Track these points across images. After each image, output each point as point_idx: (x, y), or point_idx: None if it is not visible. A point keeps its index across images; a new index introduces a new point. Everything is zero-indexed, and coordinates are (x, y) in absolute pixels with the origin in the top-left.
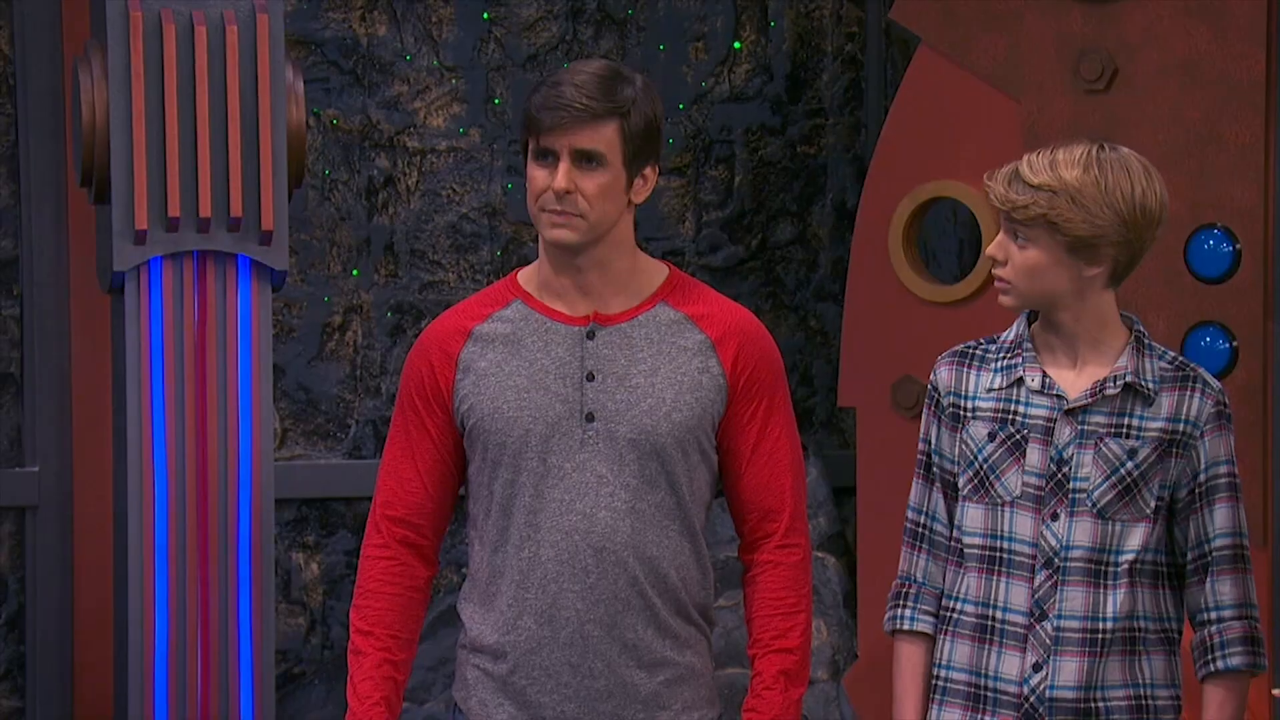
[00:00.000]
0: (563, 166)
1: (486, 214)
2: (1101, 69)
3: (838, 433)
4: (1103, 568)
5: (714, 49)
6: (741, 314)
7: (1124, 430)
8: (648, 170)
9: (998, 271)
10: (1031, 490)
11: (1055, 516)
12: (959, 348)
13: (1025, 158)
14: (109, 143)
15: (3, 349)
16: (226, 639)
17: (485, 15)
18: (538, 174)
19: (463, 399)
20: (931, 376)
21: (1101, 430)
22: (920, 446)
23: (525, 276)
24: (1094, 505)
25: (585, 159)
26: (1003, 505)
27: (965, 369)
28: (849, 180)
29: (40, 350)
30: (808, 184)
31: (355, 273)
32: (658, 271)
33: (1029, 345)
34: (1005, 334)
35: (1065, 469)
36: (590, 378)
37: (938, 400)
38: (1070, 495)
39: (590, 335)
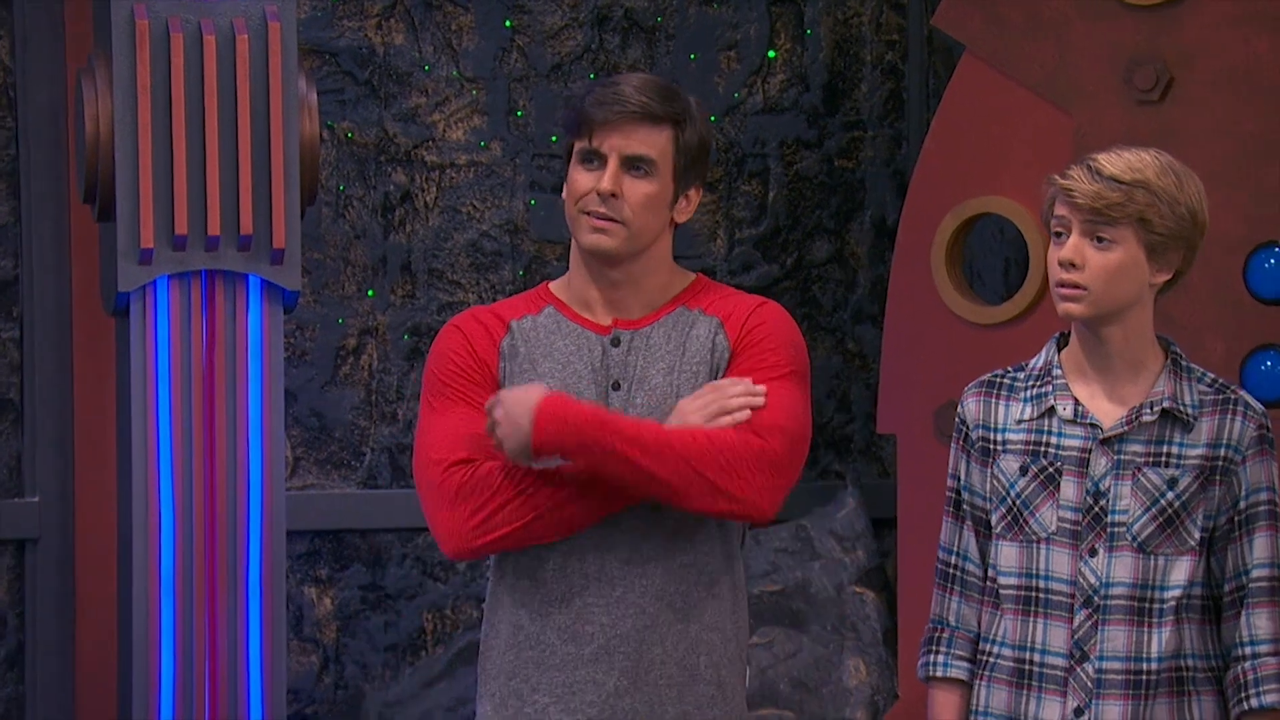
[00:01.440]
0: (610, 168)
1: (508, 231)
2: (1156, 78)
3: (876, 461)
4: (1146, 605)
5: (747, 58)
6: (758, 298)
7: (1163, 459)
8: (692, 191)
9: (1070, 276)
10: (1068, 525)
11: (1094, 552)
12: (986, 377)
13: (1095, 157)
14: (113, 157)
15: (2, 374)
16: (236, 678)
17: (507, 23)
18: (582, 177)
19: (498, 384)
20: (959, 409)
21: (1139, 459)
22: (949, 483)
23: (557, 287)
24: (1134, 539)
25: (635, 164)
26: (1038, 542)
27: (994, 399)
28: (889, 196)
29: (41, 375)
30: (845, 200)
31: (370, 293)
32: (684, 280)
33: (1059, 372)
34: (1033, 360)
35: (1102, 502)
36: (616, 386)
37: (966, 434)
38: (1109, 529)
39: (615, 342)
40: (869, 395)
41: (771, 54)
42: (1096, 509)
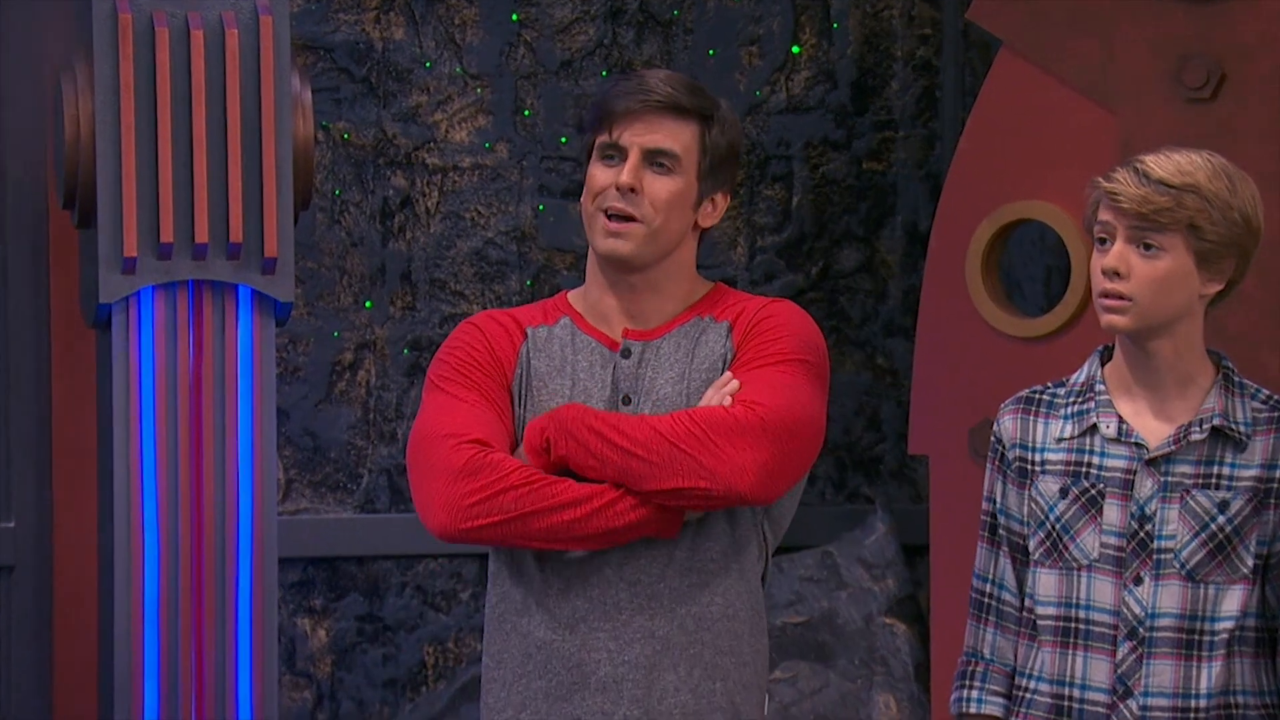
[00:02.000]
0: (631, 161)
1: (515, 239)
2: (1207, 75)
3: (908, 484)
4: (1195, 637)
5: (770, 53)
6: (772, 298)
7: (1213, 480)
8: (719, 195)
9: (1115, 286)
10: (1111, 552)
11: (1139, 581)
12: (1024, 393)
13: (1142, 159)
14: (94, 160)
15: None
16: (224, 715)
17: (514, 16)
18: (600, 172)
19: (512, 395)
20: (994, 427)
21: (1188, 481)
22: (984, 506)
23: (574, 297)
24: (1182, 566)
25: (657, 159)
26: (1079, 570)
27: (1031, 417)
28: (921, 200)
29: (17, 392)
30: (875, 205)
31: (368, 305)
32: (703, 288)
33: (1102, 387)
34: (1075, 375)
35: (1148, 527)
36: (626, 401)
37: (1002, 453)
38: (1155, 556)
39: (625, 354)
40: (900, 414)
41: (796, 49)
42: (1142, 534)
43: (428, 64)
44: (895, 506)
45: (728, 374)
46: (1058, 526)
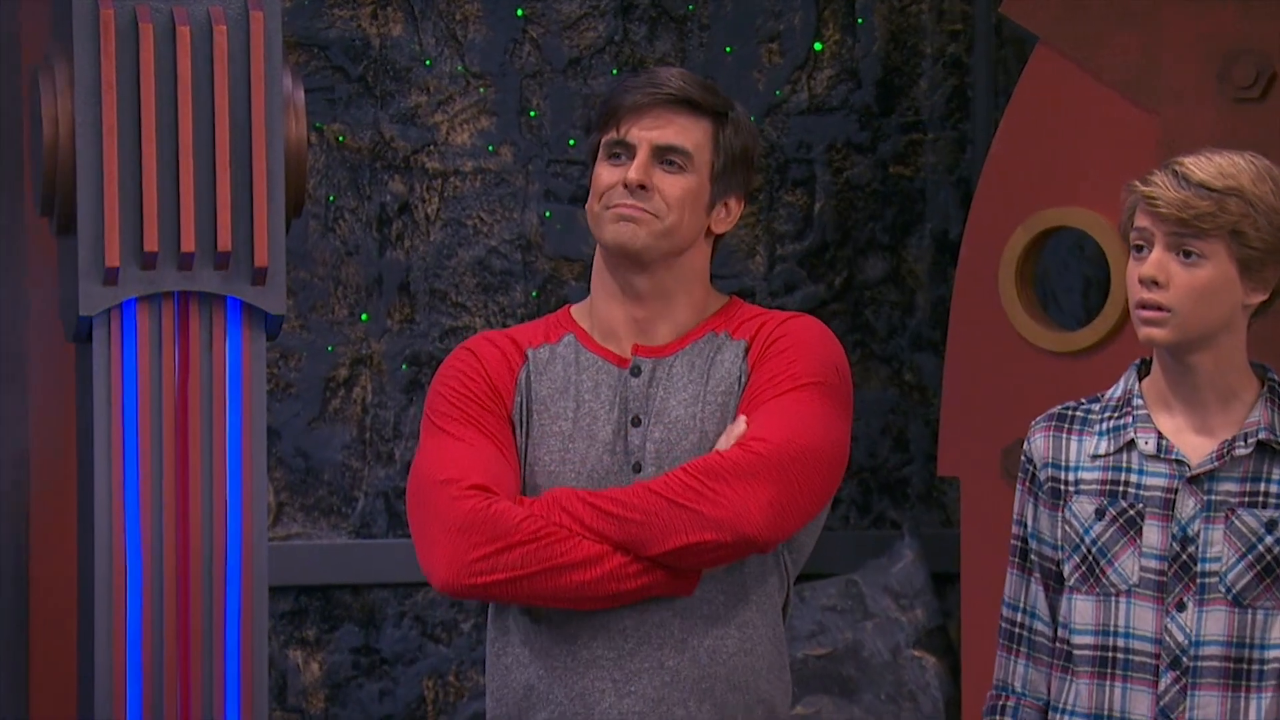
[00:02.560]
0: (640, 157)
1: (520, 248)
2: (1256, 74)
3: (938, 508)
4: (1243, 666)
5: (791, 51)
6: (791, 313)
7: (1260, 498)
8: (733, 200)
9: (1153, 296)
10: (1151, 576)
11: (1181, 607)
12: (1056, 410)
13: (1182, 160)
14: (74, 164)
15: None
16: None
17: (519, 12)
18: (607, 171)
19: (512, 423)
20: (1025, 445)
21: (1233, 500)
22: (1014, 530)
23: (579, 313)
24: (1228, 591)
25: (668, 157)
26: (1117, 596)
27: (1064, 434)
28: (951, 207)
29: None
30: (902, 211)
31: (364, 317)
32: (717, 301)
33: (1139, 402)
34: (1110, 391)
35: (1191, 548)
36: (635, 422)
37: (1033, 474)
38: (1199, 580)
39: (635, 372)
40: (929, 433)
41: (818, 46)
42: (1184, 557)
43: (427, 62)
44: (924, 532)
45: (740, 419)
46: (1094, 550)
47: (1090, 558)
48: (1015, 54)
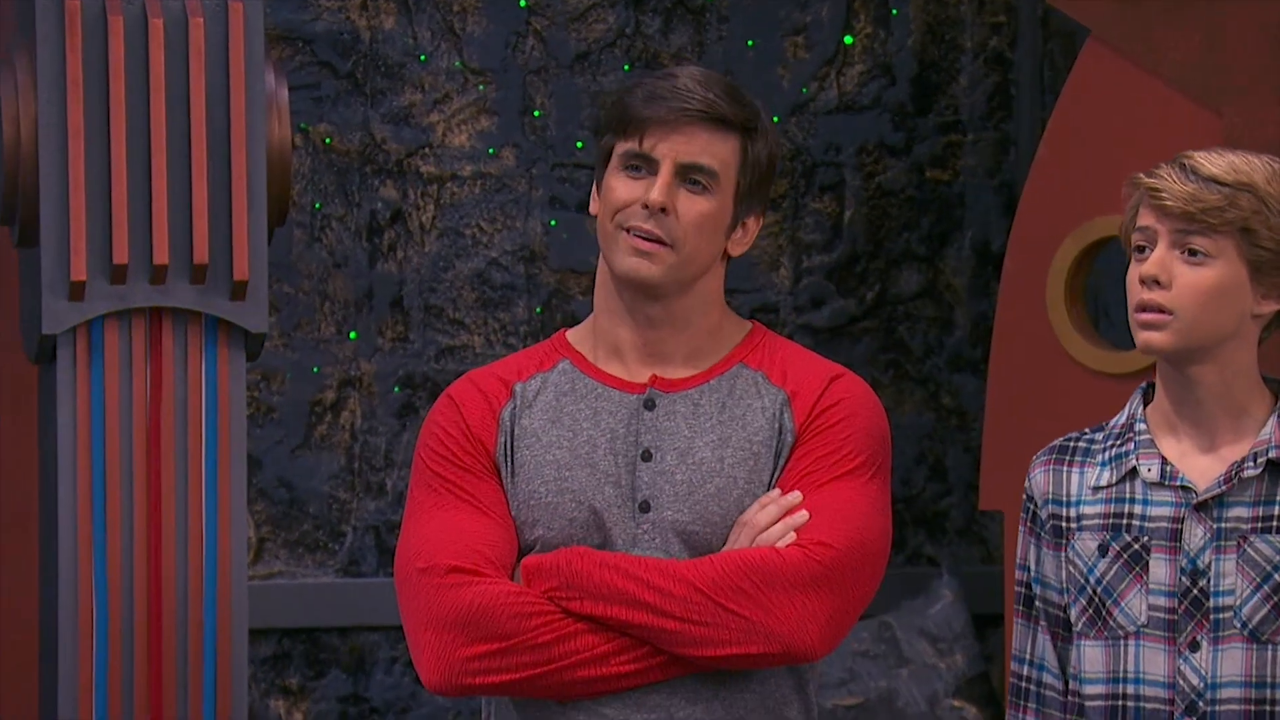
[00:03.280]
0: (663, 177)
1: (523, 259)
2: None
3: (979, 544)
4: (1266, 709)
5: (818, 44)
6: (834, 369)
7: (1274, 523)
8: (751, 219)
9: (1153, 296)
10: (1161, 615)
11: (1195, 646)
12: (1058, 442)
13: (1191, 154)
14: (37, 168)
15: None
16: None
17: (522, 2)
18: (623, 185)
19: (498, 467)
20: (1026, 483)
21: (1244, 526)
22: (1018, 575)
23: (576, 335)
24: (1244, 626)
25: (692, 176)
26: (1125, 639)
27: (1065, 468)
28: (994, 214)
29: None
30: (940, 219)
31: (353, 335)
32: (739, 329)
33: (1142, 426)
34: (1115, 418)
35: (1202, 582)
36: (646, 457)
37: (1034, 513)
38: (1212, 616)
39: (649, 405)
40: (969, 462)
41: (848, 39)
42: (1195, 592)
43: (422, 57)
44: (963, 570)
45: (794, 496)
46: (1099, 590)
47: (1096, 599)
48: (1063, 48)
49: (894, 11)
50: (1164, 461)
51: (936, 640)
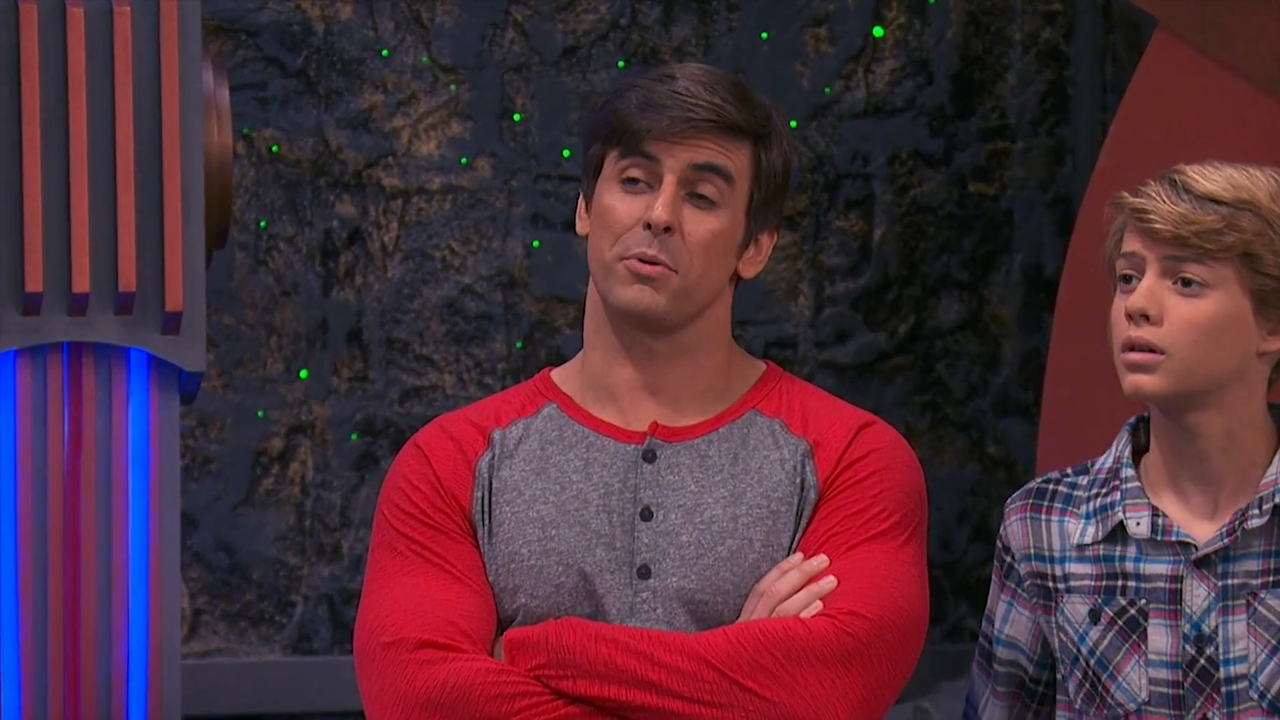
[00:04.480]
0: (666, 194)
1: (500, 285)
2: None
3: None
4: None
5: (843, 37)
6: (862, 416)
7: None
8: (765, 236)
9: (1142, 334)
10: (1164, 690)
11: None
12: (1034, 484)
13: (1183, 169)
14: None
15: None
16: None
17: None
18: (622, 204)
19: (473, 526)
20: (1000, 529)
21: (1254, 582)
22: (983, 627)
23: (563, 375)
24: (1262, 696)
25: (700, 190)
26: (1126, 718)
27: (1042, 516)
28: (1047, 234)
29: None
30: (984, 240)
31: (304, 374)
32: (752, 370)
33: (1130, 472)
34: (1101, 459)
35: (1210, 649)
36: (646, 515)
37: (1009, 565)
38: (1224, 688)
39: (649, 456)
40: None
41: (879, 31)
42: (1202, 661)
43: (384, 52)
44: None
45: (819, 560)
46: (1092, 663)
47: (1091, 673)
48: (1127, 42)
49: (931, 0)
50: (1155, 513)
51: None
